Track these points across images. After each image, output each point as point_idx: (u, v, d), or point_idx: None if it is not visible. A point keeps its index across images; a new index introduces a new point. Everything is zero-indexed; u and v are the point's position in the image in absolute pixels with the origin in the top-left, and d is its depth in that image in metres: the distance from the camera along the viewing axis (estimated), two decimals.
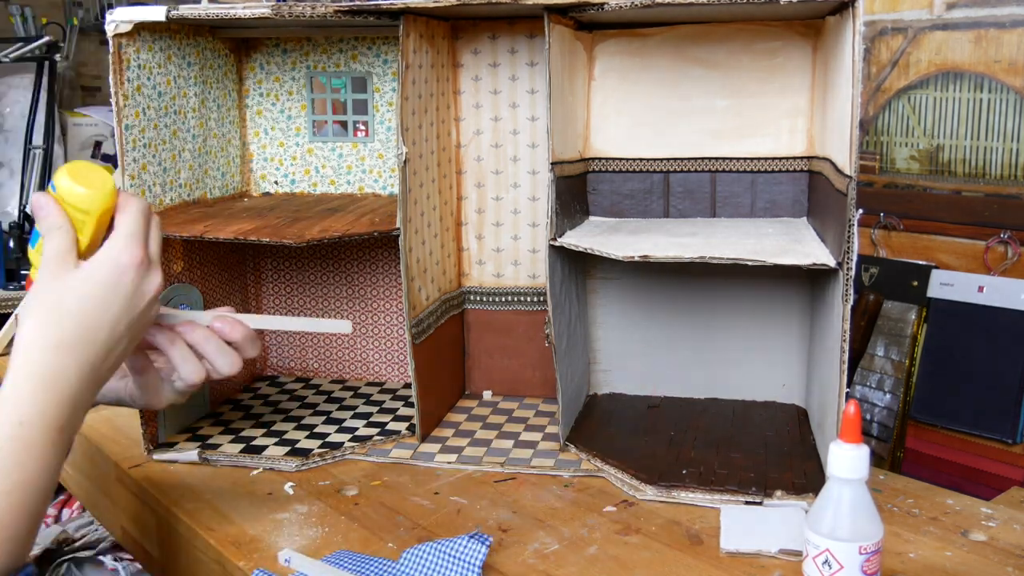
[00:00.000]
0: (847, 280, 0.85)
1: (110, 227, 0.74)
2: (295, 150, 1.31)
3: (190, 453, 1.06)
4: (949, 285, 1.80)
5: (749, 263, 0.89)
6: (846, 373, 0.87)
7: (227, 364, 0.82)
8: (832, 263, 0.88)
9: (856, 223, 0.85)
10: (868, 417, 1.87)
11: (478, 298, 1.26)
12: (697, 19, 1.09)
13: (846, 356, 0.86)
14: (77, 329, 0.68)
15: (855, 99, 0.83)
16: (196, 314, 0.83)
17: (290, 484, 0.99)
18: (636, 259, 0.93)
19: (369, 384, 1.32)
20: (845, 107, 0.85)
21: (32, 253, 0.76)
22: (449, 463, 1.03)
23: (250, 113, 1.31)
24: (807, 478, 0.94)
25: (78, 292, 0.69)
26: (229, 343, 0.83)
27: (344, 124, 1.30)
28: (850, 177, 0.84)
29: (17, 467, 0.62)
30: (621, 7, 0.92)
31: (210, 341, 0.81)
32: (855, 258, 0.85)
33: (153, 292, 0.73)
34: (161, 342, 0.80)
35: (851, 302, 0.86)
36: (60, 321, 0.68)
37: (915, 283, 1.85)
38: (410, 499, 0.95)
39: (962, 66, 1.81)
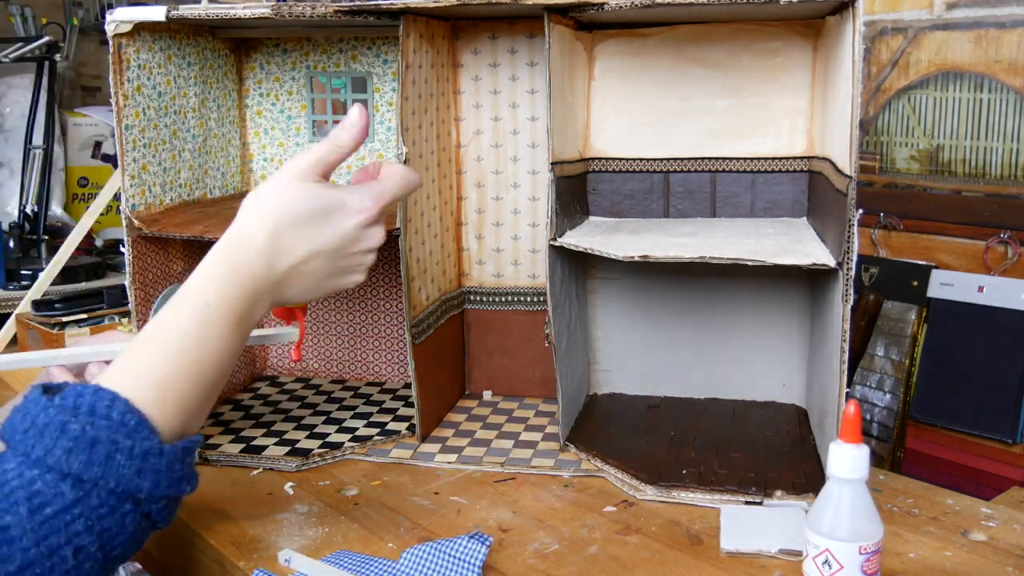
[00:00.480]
0: (847, 280, 0.85)
1: None
2: (295, 150, 1.31)
3: None
4: (949, 285, 1.80)
5: (749, 263, 0.89)
6: (846, 373, 0.87)
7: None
8: (832, 263, 0.88)
9: (856, 223, 0.85)
10: (868, 417, 1.87)
11: (478, 298, 1.26)
12: (697, 19, 1.09)
13: (846, 356, 0.86)
14: (281, 237, 0.70)
15: (855, 99, 0.83)
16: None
17: (290, 484, 0.99)
18: (636, 259, 0.93)
19: (369, 384, 1.32)
20: (845, 107, 0.85)
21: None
22: (449, 463, 1.03)
23: (250, 113, 1.31)
24: (807, 478, 0.94)
25: (299, 204, 0.71)
26: None
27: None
28: (850, 177, 0.84)
29: (200, 343, 0.66)
30: (621, 7, 0.92)
31: None
32: (855, 258, 0.85)
33: (372, 244, 0.75)
34: None
35: (851, 302, 0.86)
36: (272, 224, 0.70)
37: (915, 283, 1.85)
38: (410, 499, 0.95)
39: (962, 66, 1.81)
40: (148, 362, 0.65)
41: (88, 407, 0.61)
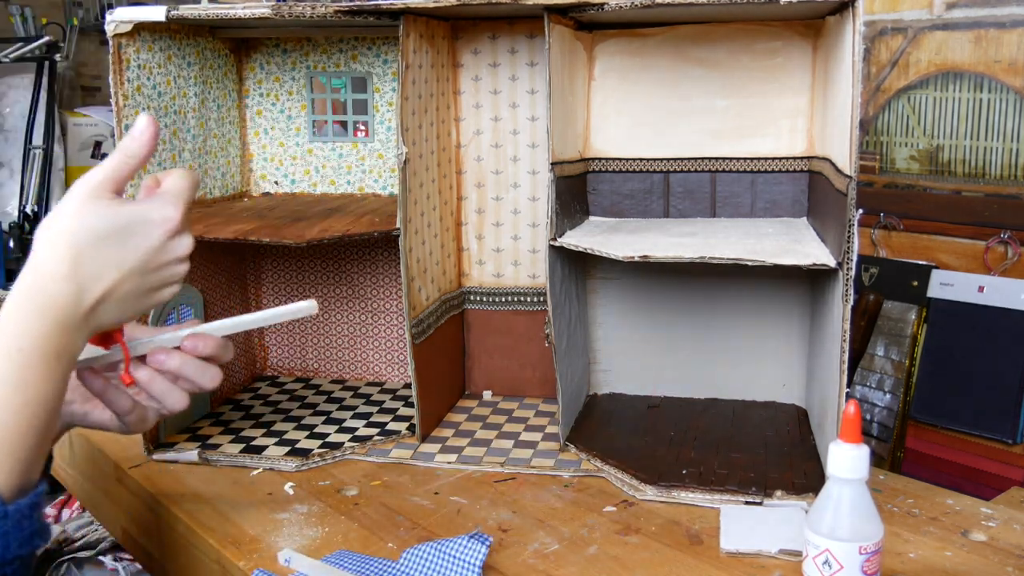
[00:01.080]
0: (847, 280, 0.85)
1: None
2: (295, 150, 1.31)
3: (190, 453, 1.06)
4: (949, 285, 1.80)
5: (749, 263, 0.89)
6: (846, 373, 0.87)
7: (210, 379, 0.79)
8: (832, 263, 0.88)
9: (856, 223, 0.85)
10: (868, 417, 1.87)
11: (478, 298, 1.26)
12: (697, 19, 1.09)
13: (846, 356, 0.86)
14: (84, 264, 0.66)
15: (855, 99, 0.83)
16: (160, 338, 0.79)
17: (290, 484, 0.99)
18: (636, 259, 0.93)
19: (369, 384, 1.32)
20: (845, 107, 0.85)
21: None
22: (449, 463, 1.03)
23: (250, 113, 1.31)
24: (807, 478, 0.94)
25: (98, 224, 0.67)
26: (204, 358, 0.79)
27: (344, 124, 1.30)
28: (850, 177, 0.84)
29: (19, 389, 0.63)
30: (621, 7, 0.92)
31: (187, 363, 0.78)
32: (855, 258, 0.85)
33: (180, 254, 0.71)
34: (141, 379, 0.78)
35: (851, 302, 0.86)
36: (72, 252, 0.66)
37: (915, 283, 1.85)
38: (410, 499, 0.95)
39: (962, 66, 1.81)
40: None
41: None
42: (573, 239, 1.01)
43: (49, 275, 0.65)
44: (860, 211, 0.85)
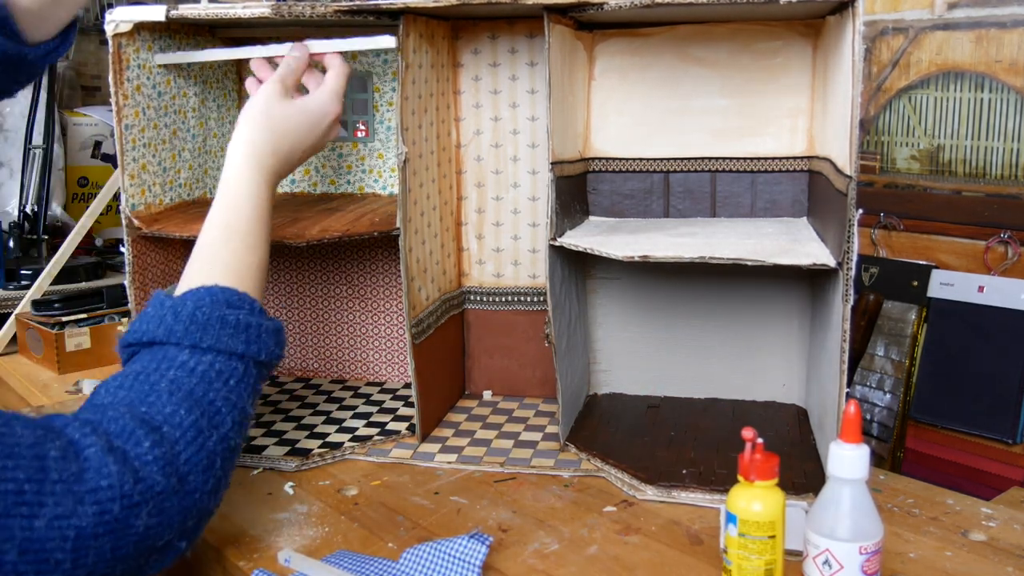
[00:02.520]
0: (847, 280, 0.85)
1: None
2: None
3: None
4: (949, 285, 1.80)
5: (749, 263, 0.89)
6: (846, 373, 0.87)
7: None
8: (832, 263, 0.88)
9: (856, 223, 0.85)
10: (868, 417, 1.87)
11: (478, 298, 1.25)
12: (697, 19, 1.09)
13: (846, 356, 0.86)
14: (281, 145, 0.91)
15: (855, 99, 0.83)
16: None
17: (290, 484, 0.99)
18: (636, 259, 0.93)
19: (369, 384, 1.32)
20: (845, 107, 0.85)
21: None
22: (449, 463, 1.03)
23: None
24: (807, 478, 0.94)
25: (292, 119, 0.93)
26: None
27: (344, 124, 1.29)
28: (850, 177, 0.84)
29: (262, 237, 0.86)
30: (621, 7, 0.92)
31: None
32: (855, 258, 0.85)
33: (333, 137, 0.99)
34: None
35: (851, 302, 0.86)
36: (269, 135, 0.91)
37: (915, 283, 1.85)
38: (410, 499, 0.95)
39: (963, 66, 1.80)
40: (240, 262, 0.82)
41: (226, 301, 0.77)
42: (573, 239, 1.01)
43: (264, 156, 0.90)
44: (860, 211, 0.85)
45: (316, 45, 1.00)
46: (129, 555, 0.65)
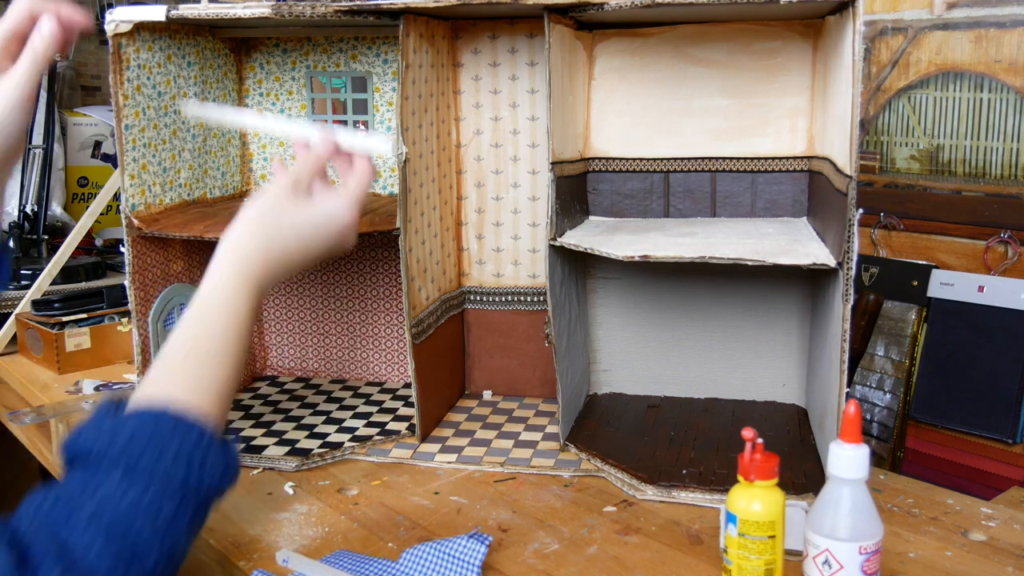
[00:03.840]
0: (847, 280, 0.85)
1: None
2: (295, 149, 1.30)
3: None
4: (949, 285, 1.80)
5: (750, 263, 0.89)
6: (846, 373, 0.87)
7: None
8: (832, 263, 0.88)
9: (857, 223, 0.85)
10: (868, 417, 1.87)
11: (478, 298, 1.25)
12: (697, 19, 1.09)
13: (846, 356, 0.86)
14: (273, 251, 0.81)
15: (855, 99, 0.83)
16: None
17: (290, 484, 0.99)
18: (636, 259, 0.93)
19: (369, 384, 1.32)
20: (846, 107, 0.85)
21: None
22: (449, 463, 1.03)
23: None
24: (807, 478, 0.94)
25: (294, 224, 0.82)
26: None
27: (344, 124, 1.29)
28: (850, 177, 0.84)
29: (236, 350, 0.77)
30: (621, 7, 0.92)
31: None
32: (855, 258, 0.85)
33: (348, 246, 0.86)
34: None
35: (851, 302, 0.86)
36: (263, 241, 0.81)
37: (915, 283, 1.85)
38: (410, 499, 0.95)
39: (962, 66, 1.80)
40: (202, 378, 0.74)
41: (174, 424, 0.69)
42: (573, 239, 1.01)
43: (254, 259, 0.80)
44: (861, 211, 0.85)
45: (343, 139, 0.91)
46: None
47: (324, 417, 1.18)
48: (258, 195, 0.84)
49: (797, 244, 0.97)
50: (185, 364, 0.75)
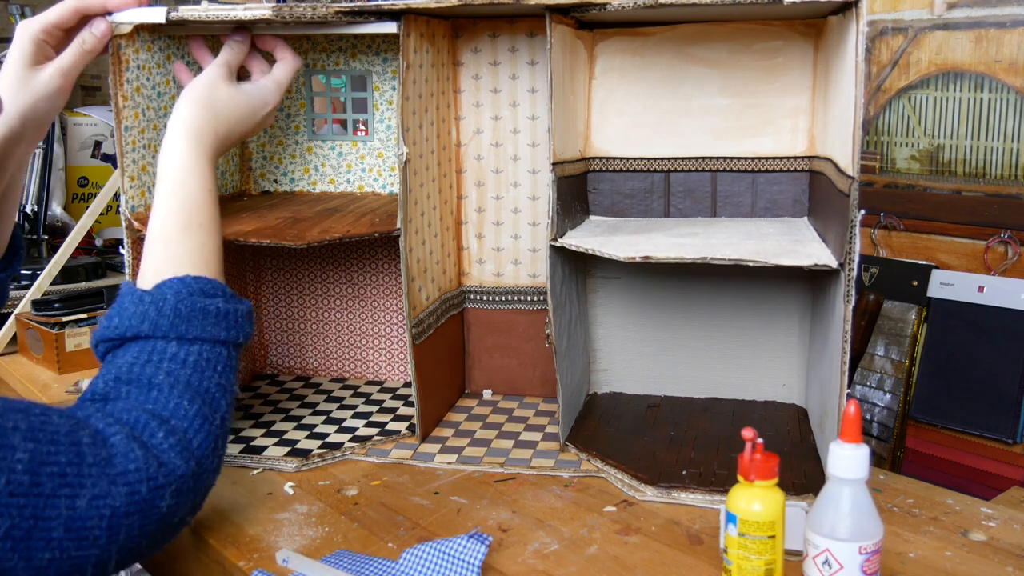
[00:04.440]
0: (849, 281, 0.85)
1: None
2: (294, 148, 1.30)
3: None
4: (949, 285, 1.80)
5: (751, 264, 0.89)
6: (847, 374, 0.87)
7: None
8: (834, 264, 0.88)
9: (858, 224, 0.85)
10: (868, 417, 1.87)
11: (478, 297, 1.25)
12: (698, 19, 1.09)
13: (847, 357, 0.86)
14: (220, 128, 0.93)
15: (858, 100, 0.83)
16: None
17: (290, 484, 0.99)
18: (638, 260, 0.93)
19: (369, 383, 1.32)
20: (848, 108, 0.85)
21: None
22: (449, 463, 1.03)
23: None
24: (807, 478, 0.94)
25: (233, 103, 0.96)
26: None
27: (344, 123, 1.29)
28: (852, 178, 0.84)
29: (216, 215, 0.89)
30: (624, 7, 0.92)
31: None
32: (857, 259, 0.85)
33: (268, 125, 1.05)
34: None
35: (853, 303, 0.86)
36: (210, 117, 0.93)
37: (915, 283, 1.85)
38: (410, 499, 0.95)
39: (962, 66, 1.81)
40: (202, 248, 0.85)
41: (201, 290, 0.81)
42: (574, 239, 1.01)
43: (208, 137, 0.92)
44: (862, 212, 0.85)
45: (265, 36, 1.04)
46: (153, 532, 0.71)
47: (324, 417, 1.18)
48: (196, 79, 0.96)
49: (798, 244, 0.97)
50: (185, 239, 0.85)
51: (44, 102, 0.95)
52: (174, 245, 0.84)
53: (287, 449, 1.07)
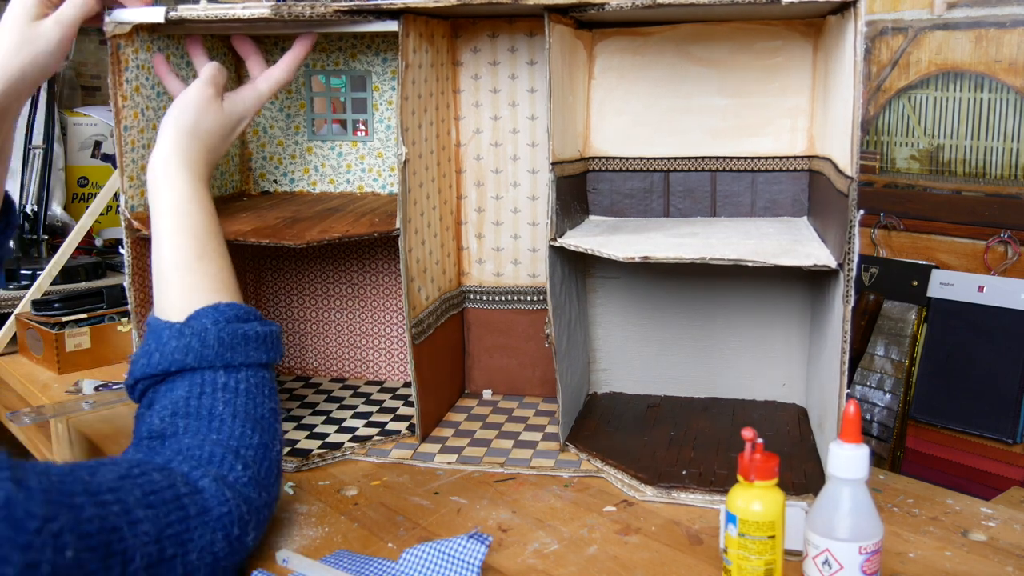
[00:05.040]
0: (848, 281, 0.85)
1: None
2: (294, 149, 1.30)
3: None
4: (949, 285, 1.80)
5: (750, 264, 0.89)
6: (847, 374, 0.86)
7: None
8: (833, 264, 0.88)
9: (857, 224, 0.85)
10: (868, 417, 1.87)
11: (478, 297, 1.25)
12: (697, 18, 1.09)
13: (847, 357, 0.86)
14: (208, 154, 0.94)
15: (856, 100, 0.83)
16: None
17: (290, 484, 0.99)
18: (637, 260, 0.93)
19: (369, 383, 1.32)
20: (847, 108, 0.85)
21: None
22: (449, 463, 1.03)
23: None
24: (807, 478, 0.94)
25: (216, 123, 0.95)
26: None
27: (343, 123, 1.30)
28: (851, 178, 0.84)
29: (221, 239, 0.89)
30: (622, 7, 0.92)
31: None
32: (856, 259, 0.85)
33: (242, 132, 1.03)
34: None
35: (852, 303, 0.85)
36: (200, 143, 0.93)
37: (915, 283, 1.85)
38: (410, 499, 0.95)
39: (962, 66, 1.81)
40: (221, 273, 0.85)
41: (236, 316, 0.81)
42: (573, 239, 1.01)
43: (199, 157, 0.93)
44: (861, 212, 0.85)
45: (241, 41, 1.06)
46: (237, 564, 0.73)
47: (324, 417, 1.18)
48: (183, 99, 0.95)
49: (798, 244, 0.97)
50: (204, 267, 0.84)
51: (44, 56, 0.93)
52: (195, 274, 0.84)
53: (287, 449, 1.07)
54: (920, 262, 1.87)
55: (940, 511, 0.90)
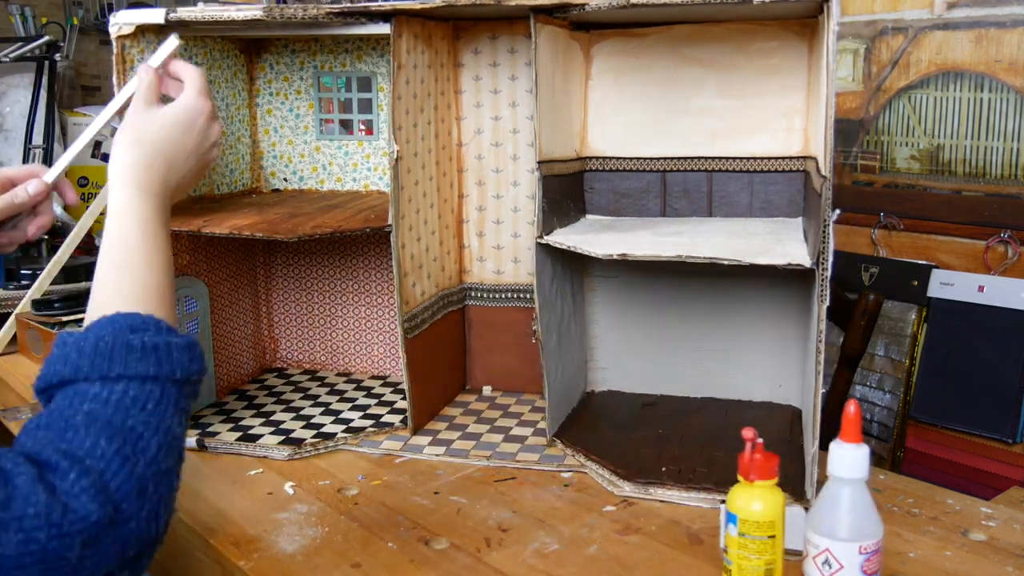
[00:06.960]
0: (823, 280, 0.85)
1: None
2: (303, 148, 1.31)
3: (189, 440, 1.06)
4: (949, 285, 1.80)
5: (725, 263, 0.89)
6: (822, 374, 0.86)
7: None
8: (807, 263, 0.87)
9: (832, 223, 0.84)
10: (868, 417, 1.87)
11: (479, 295, 1.26)
12: (693, 19, 1.09)
13: (822, 357, 0.85)
14: (154, 157, 0.88)
15: (829, 99, 0.82)
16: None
17: (290, 484, 0.99)
18: (615, 257, 0.93)
19: (373, 377, 1.32)
20: (822, 106, 0.85)
21: None
22: (437, 455, 1.04)
23: (260, 112, 1.32)
24: (786, 479, 0.93)
25: (157, 126, 0.89)
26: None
27: (347, 123, 1.30)
28: (825, 177, 0.84)
29: (156, 250, 0.84)
30: (600, 8, 0.93)
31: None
32: (831, 258, 0.84)
33: (216, 137, 0.93)
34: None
35: (827, 302, 0.85)
36: (138, 151, 0.88)
37: (915, 283, 1.85)
38: (410, 499, 0.95)
39: (963, 66, 1.81)
40: (136, 286, 0.80)
41: (129, 326, 0.75)
42: (559, 237, 1.01)
43: (147, 172, 0.87)
44: (838, 211, 0.84)
45: (154, 61, 0.96)
46: None
47: (323, 408, 1.19)
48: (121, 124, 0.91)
49: (779, 244, 0.96)
50: (119, 277, 0.81)
51: None
52: (108, 287, 0.81)
53: (281, 438, 1.08)
54: (920, 262, 1.87)
55: (940, 511, 0.90)
